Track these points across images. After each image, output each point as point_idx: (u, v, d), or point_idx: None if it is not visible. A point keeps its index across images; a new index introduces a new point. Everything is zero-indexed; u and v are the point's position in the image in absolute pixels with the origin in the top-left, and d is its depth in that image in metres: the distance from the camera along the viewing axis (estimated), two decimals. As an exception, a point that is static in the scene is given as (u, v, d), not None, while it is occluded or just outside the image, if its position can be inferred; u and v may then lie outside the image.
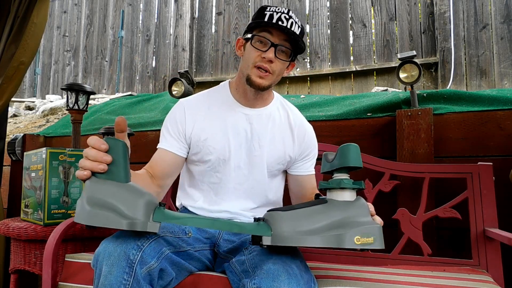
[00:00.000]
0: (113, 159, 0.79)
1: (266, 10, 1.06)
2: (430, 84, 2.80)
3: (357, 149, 0.85)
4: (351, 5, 3.08)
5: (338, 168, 0.86)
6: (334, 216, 0.81)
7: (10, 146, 2.29)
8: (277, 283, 0.79)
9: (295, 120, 1.22)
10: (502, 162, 1.55)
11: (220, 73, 3.49)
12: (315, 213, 0.82)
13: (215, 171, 1.16)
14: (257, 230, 0.82)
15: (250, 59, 1.08)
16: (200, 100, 1.20)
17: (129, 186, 0.80)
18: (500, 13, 2.61)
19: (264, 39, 1.06)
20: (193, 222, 0.82)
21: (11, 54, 1.84)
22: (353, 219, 0.80)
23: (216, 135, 1.14)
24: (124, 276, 0.81)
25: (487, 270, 1.28)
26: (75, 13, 4.34)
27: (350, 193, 0.85)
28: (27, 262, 1.50)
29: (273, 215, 0.84)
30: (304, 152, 1.22)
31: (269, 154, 1.16)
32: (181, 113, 1.17)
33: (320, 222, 0.80)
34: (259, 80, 1.08)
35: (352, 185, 0.84)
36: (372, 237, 0.79)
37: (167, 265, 0.91)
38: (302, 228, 0.80)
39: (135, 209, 0.77)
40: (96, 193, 0.77)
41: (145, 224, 0.77)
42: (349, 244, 0.78)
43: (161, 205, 0.82)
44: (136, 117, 2.69)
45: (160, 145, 1.16)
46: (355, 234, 0.78)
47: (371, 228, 0.80)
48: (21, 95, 4.51)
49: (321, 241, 0.79)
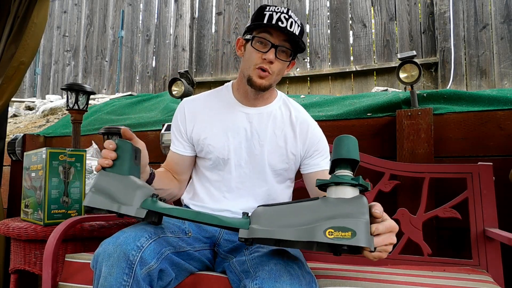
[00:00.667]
0: (120, 156, 0.92)
1: (266, 10, 1.06)
2: (430, 84, 2.81)
3: (351, 140, 0.78)
4: (351, 5, 3.08)
5: (339, 164, 0.78)
6: (321, 213, 0.72)
7: (10, 146, 2.29)
8: (279, 284, 0.79)
9: (297, 117, 1.21)
10: (502, 162, 1.55)
11: (220, 73, 3.49)
12: (301, 209, 0.76)
13: (217, 169, 1.17)
14: (237, 224, 0.82)
15: (250, 60, 1.08)
16: (201, 100, 1.22)
17: (128, 178, 0.90)
18: (500, 13, 2.61)
19: (264, 40, 1.06)
20: (177, 212, 0.87)
21: (11, 54, 1.84)
22: (337, 215, 0.70)
23: (216, 134, 1.15)
24: (124, 277, 0.81)
25: (487, 270, 1.28)
26: (75, 13, 4.34)
27: (347, 190, 0.75)
28: (27, 262, 1.50)
29: (257, 210, 0.83)
30: (311, 148, 1.19)
31: (270, 152, 1.16)
32: (182, 114, 1.21)
33: (300, 217, 0.74)
34: (260, 80, 1.08)
35: (349, 180, 0.74)
36: (350, 231, 0.67)
37: (167, 266, 0.91)
38: (279, 222, 0.76)
39: (127, 196, 0.87)
40: (100, 182, 0.90)
41: (132, 210, 0.86)
42: (319, 237, 0.68)
43: (154, 196, 0.89)
44: (136, 117, 2.69)
45: (170, 146, 1.26)
46: (327, 226, 0.68)
47: (350, 221, 0.68)
48: (21, 95, 4.51)
49: (291, 234, 0.73)
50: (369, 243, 0.68)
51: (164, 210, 0.87)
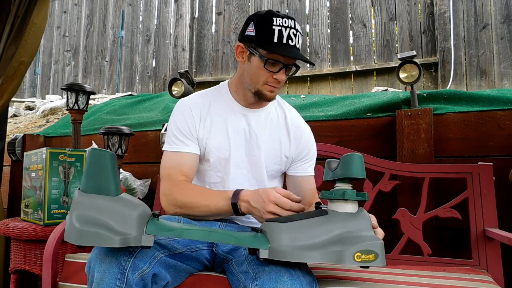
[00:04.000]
0: (100, 171, 0.76)
1: (274, 25, 1.04)
2: (430, 84, 2.81)
3: (361, 160, 0.82)
4: (351, 5, 3.08)
5: (340, 178, 0.84)
6: (334, 230, 0.79)
7: (10, 146, 2.29)
8: (280, 284, 0.79)
9: (292, 120, 1.23)
10: (502, 162, 1.55)
11: (220, 73, 3.49)
12: (315, 225, 0.80)
13: (216, 170, 1.17)
14: (254, 243, 0.80)
15: (260, 77, 1.09)
16: (202, 98, 1.21)
17: (120, 199, 0.76)
18: (500, 13, 2.61)
19: (276, 62, 1.07)
20: (188, 234, 0.79)
21: (11, 54, 1.84)
22: (354, 233, 0.78)
23: (217, 134, 1.15)
24: (117, 283, 0.81)
25: (487, 270, 1.28)
26: (75, 13, 4.34)
27: (352, 205, 0.83)
28: (27, 262, 1.50)
29: (271, 226, 0.81)
30: (302, 153, 1.22)
31: (267, 154, 1.17)
32: (188, 112, 1.16)
33: (320, 237, 0.78)
34: (270, 94, 1.11)
35: (355, 197, 0.81)
36: (373, 254, 0.76)
37: (161, 269, 0.90)
38: (300, 242, 0.78)
39: (127, 223, 0.74)
40: (85, 209, 0.74)
41: (138, 239, 0.75)
42: (349, 262, 0.75)
43: (154, 215, 0.79)
44: (136, 117, 2.69)
45: (180, 148, 1.14)
46: (355, 251, 0.76)
47: (373, 244, 0.77)
48: (21, 95, 4.51)
49: (320, 257, 0.77)
50: (385, 262, 0.78)
51: (173, 233, 0.78)
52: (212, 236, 0.80)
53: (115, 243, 0.72)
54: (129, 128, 1.94)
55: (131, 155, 2.20)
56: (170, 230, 0.78)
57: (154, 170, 2.15)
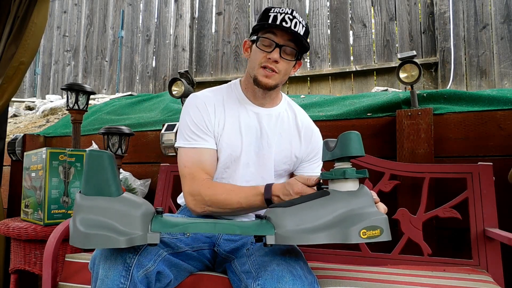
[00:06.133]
0: (100, 173, 0.76)
1: (270, 12, 1.08)
2: (430, 84, 2.81)
3: (358, 137, 0.81)
4: (351, 5, 3.08)
5: (339, 157, 0.83)
6: (337, 209, 0.78)
7: (10, 146, 2.29)
8: (282, 284, 0.79)
9: (303, 121, 1.24)
10: (502, 162, 1.55)
11: (220, 73, 3.49)
12: (318, 206, 0.80)
13: (226, 167, 1.16)
14: (260, 230, 0.80)
15: (256, 60, 1.10)
16: (214, 94, 1.19)
17: (122, 199, 0.76)
18: (500, 13, 2.61)
19: (269, 40, 1.07)
20: (193, 227, 0.78)
21: (11, 54, 1.84)
22: (357, 211, 0.78)
23: (231, 130, 1.14)
24: (121, 280, 0.82)
25: (487, 270, 1.28)
26: (75, 13, 4.34)
27: (353, 183, 0.82)
28: (27, 262, 1.50)
29: (275, 212, 0.82)
30: (311, 153, 1.23)
31: (277, 154, 1.17)
32: (203, 107, 1.14)
33: (325, 217, 0.78)
34: (266, 79, 1.09)
35: (356, 174, 0.81)
36: (379, 229, 0.76)
37: (165, 267, 0.90)
38: (305, 225, 0.78)
39: (131, 223, 0.74)
40: (88, 212, 0.74)
41: (144, 237, 0.74)
42: (355, 239, 0.75)
43: (158, 212, 0.79)
44: (136, 117, 2.69)
45: (199, 144, 1.12)
46: (360, 228, 0.75)
47: (377, 220, 0.77)
48: (21, 95, 4.51)
49: (326, 238, 0.76)
50: (390, 236, 0.78)
51: (179, 228, 0.78)
52: (218, 227, 0.79)
53: (121, 244, 0.72)
54: (129, 128, 1.94)
55: (131, 155, 2.20)
56: (175, 226, 0.77)
57: (154, 170, 2.14)
